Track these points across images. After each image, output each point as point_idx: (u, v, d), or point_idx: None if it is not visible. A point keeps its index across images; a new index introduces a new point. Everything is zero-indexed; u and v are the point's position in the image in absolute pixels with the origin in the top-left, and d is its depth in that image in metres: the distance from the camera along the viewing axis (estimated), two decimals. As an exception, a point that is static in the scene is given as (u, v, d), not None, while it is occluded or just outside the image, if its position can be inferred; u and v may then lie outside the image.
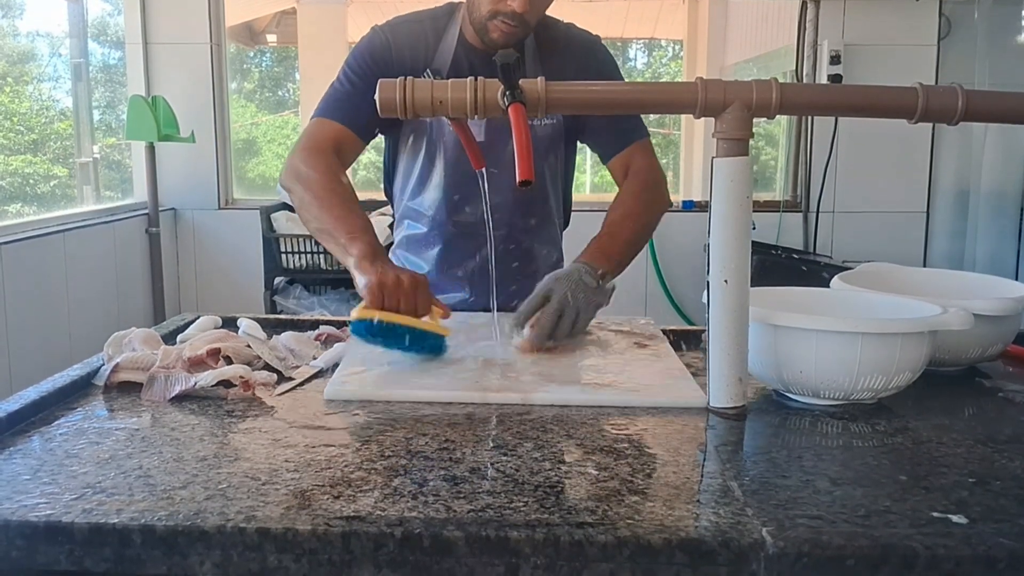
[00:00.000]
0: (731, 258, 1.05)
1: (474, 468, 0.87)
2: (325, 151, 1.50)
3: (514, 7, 1.41)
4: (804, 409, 1.10)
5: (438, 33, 1.55)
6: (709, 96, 1.05)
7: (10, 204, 3.38)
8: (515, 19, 1.43)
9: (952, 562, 0.71)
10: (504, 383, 1.15)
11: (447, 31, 1.55)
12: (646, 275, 3.93)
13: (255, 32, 6.64)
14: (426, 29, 1.55)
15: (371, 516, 0.75)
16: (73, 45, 3.71)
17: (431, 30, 1.55)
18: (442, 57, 1.54)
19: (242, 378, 1.12)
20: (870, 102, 1.10)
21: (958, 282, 1.39)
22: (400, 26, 1.56)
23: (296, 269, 3.67)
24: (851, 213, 3.93)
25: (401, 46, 1.53)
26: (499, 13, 1.43)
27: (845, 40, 3.75)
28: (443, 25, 1.56)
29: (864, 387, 1.06)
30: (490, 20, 1.45)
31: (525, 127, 1.06)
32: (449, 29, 1.55)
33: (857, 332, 1.04)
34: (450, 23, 1.56)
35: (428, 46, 1.55)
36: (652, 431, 1.00)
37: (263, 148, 7.11)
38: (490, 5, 1.43)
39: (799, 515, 0.77)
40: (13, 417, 0.99)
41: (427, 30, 1.55)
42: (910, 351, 1.05)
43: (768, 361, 1.10)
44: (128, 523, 0.74)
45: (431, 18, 1.57)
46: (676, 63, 6.96)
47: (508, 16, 1.43)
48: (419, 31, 1.55)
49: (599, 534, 0.73)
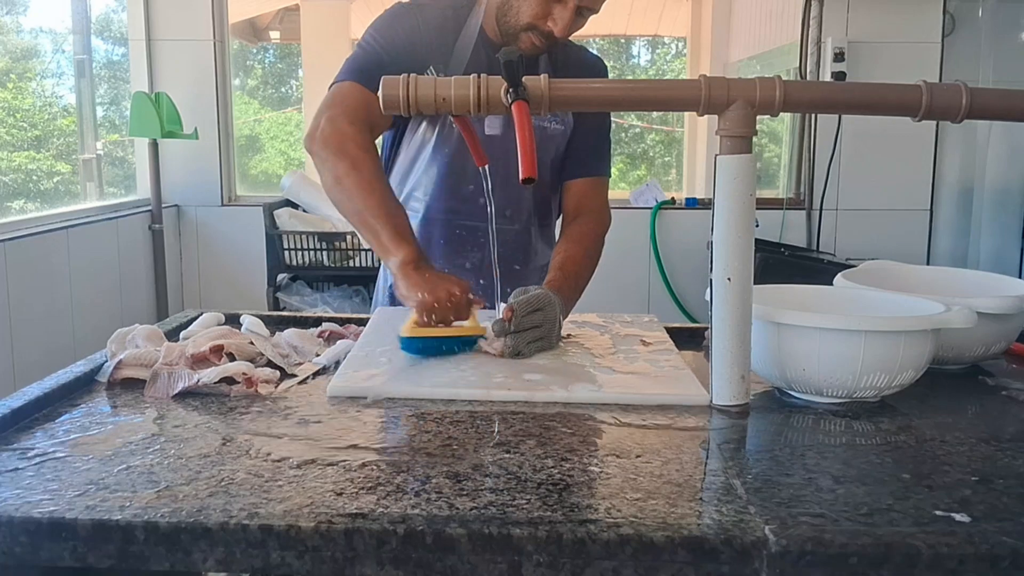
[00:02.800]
0: (734, 255, 1.05)
1: (477, 465, 0.87)
2: (361, 121, 1.45)
3: (554, 30, 1.43)
4: (807, 407, 1.10)
5: (459, 23, 1.55)
6: (713, 93, 1.04)
7: (13, 201, 3.38)
8: (548, 38, 1.45)
9: (955, 560, 0.71)
10: (507, 380, 1.15)
11: (468, 23, 1.55)
12: (649, 272, 3.92)
13: (258, 29, 6.64)
14: (448, 18, 1.55)
15: (374, 513, 0.75)
16: (77, 41, 3.71)
17: (452, 19, 1.55)
18: (462, 48, 1.53)
19: (245, 375, 1.13)
20: (874, 100, 1.10)
21: (961, 280, 1.39)
22: (428, 9, 1.54)
23: (299, 266, 3.67)
24: (854, 211, 3.92)
25: (429, 29, 1.52)
26: (536, 28, 1.45)
27: (849, 37, 3.74)
28: (464, 16, 1.55)
29: (867, 385, 1.06)
30: (524, 32, 1.46)
31: (528, 124, 1.06)
32: (470, 21, 1.55)
33: (860, 330, 1.04)
34: (471, 15, 1.56)
35: (450, 34, 1.54)
36: (655, 428, 1.00)
37: (266, 144, 7.11)
38: (530, 19, 1.44)
39: (802, 513, 0.77)
40: (17, 413, 0.99)
41: (449, 19, 1.55)
42: (913, 349, 1.05)
43: (771, 359, 1.10)
44: (131, 519, 0.74)
45: (453, 7, 1.56)
46: (680, 60, 6.96)
47: (543, 34, 1.45)
48: (442, 19, 1.54)
49: (602, 531, 0.73)
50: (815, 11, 3.79)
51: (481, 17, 1.54)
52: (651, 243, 3.90)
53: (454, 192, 1.58)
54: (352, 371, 1.18)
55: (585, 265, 1.54)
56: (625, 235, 3.73)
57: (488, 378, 1.16)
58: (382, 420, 1.02)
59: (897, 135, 3.83)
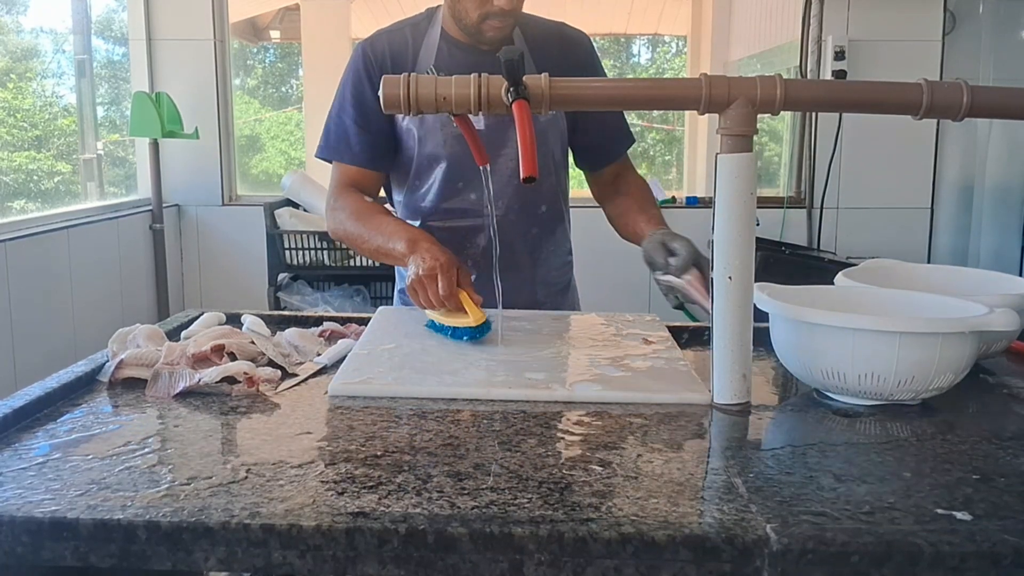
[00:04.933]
0: (735, 254, 1.05)
1: (478, 464, 0.87)
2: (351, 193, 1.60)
3: (501, 5, 1.45)
4: (809, 406, 1.10)
5: (419, 36, 1.59)
6: (713, 92, 1.04)
7: (14, 201, 3.38)
8: (503, 15, 1.47)
9: (956, 559, 0.71)
10: (508, 380, 1.15)
11: (428, 33, 1.59)
12: (650, 271, 3.92)
13: (259, 28, 6.64)
14: (407, 36, 1.60)
15: (375, 512, 0.75)
16: (77, 41, 3.71)
17: (411, 36, 1.60)
18: (426, 54, 1.57)
19: (246, 374, 1.13)
20: (874, 98, 1.10)
21: (962, 278, 1.39)
22: (379, 39, 1.60)
23: (300, 265, 3.67)
24: (855, 209, 3.92)
25: (383, 56, 1.58)
26: (488, 15, 1.48)
27: (849, 36, 3.74)
28: (423, 29, 1.60)
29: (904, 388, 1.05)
30: (481, 23, 1.49)
31: (529, 124, 1.06)
32: (430, 31, 1.59)
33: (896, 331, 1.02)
34: (430, 25, 1.60)
35: (410, 48, 1.58)
36: (656, 427, 1.00)
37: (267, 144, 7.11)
38: (477, 9, 1.47)
39: (803, 511, 0.77)
40: (18, 413, 0.99)
41: (407, 36, 1.60)
42: (952, 351, 1.03)
43: (805, 361, 1.09)
44: (133, 519, 0.74)
45: (411, 25, 1.61)
46: (680, 59, 6.95)
47: (496, 15, 1.47)
48: (400, 38, 1.59)
49: (603, 530, 0.73)
50: (815, 9, 3.78)
51: (440, 23, 1.58)
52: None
53: (453, 189, 1.58)
54: (353, 370, 1.18)
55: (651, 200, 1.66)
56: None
57: (490, 377, 1.16)
58: (383, 419, 1.02)
59: (898, 133, 3.83)
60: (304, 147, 6.18)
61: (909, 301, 1.20)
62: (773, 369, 1.27)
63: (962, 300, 1.14)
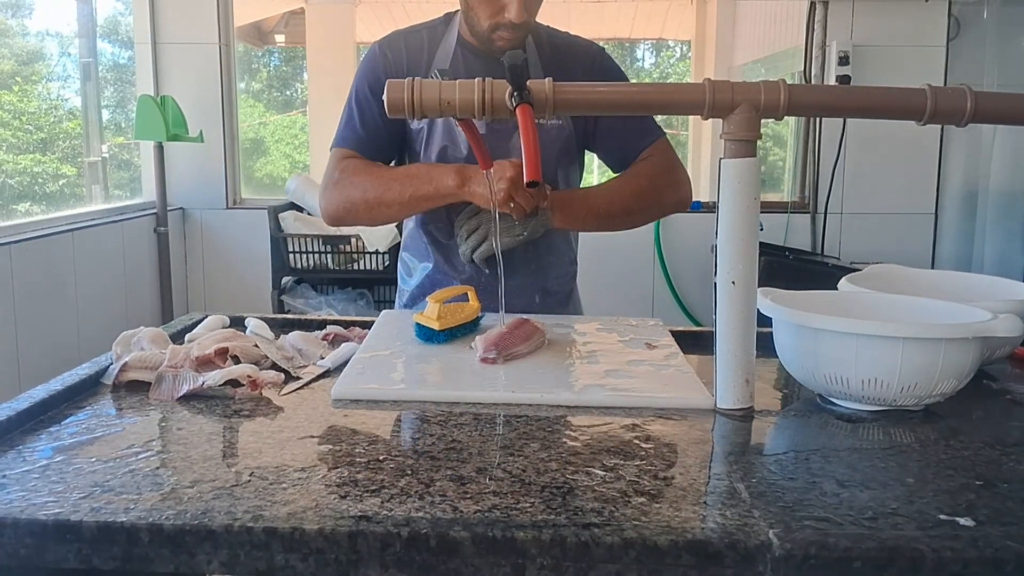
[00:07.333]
0: (738, 259, 1.05)
1: (481, 468, 0.87)
2: (354, 159, 1.58)
3: (511, 19, 1.45)
4: (812, 411, 1.10)
5: (435, 40, 1.60)
6: (717, 97, 1.05)
7: (19, 203, 3.40)
8: (514, 27, 1.47)
9: (959, 564, 0.71)
10: (511, 383, 1.15)
11: (445, 37, 1.60)
12: (653, 276, 3.92)
13: (263, 32, 6.66)
14: (423, 38, 1.60)
15: (378, 516, 0.76)
16: (82, 44, 3.72)
17: (428, 39, 1.60)
18: (442, 57, 1.58)
19: (250, 377, 1.13)
20: (878, 103, 1.10)
21: (966, 284, 1.39)
22: (396, 39, 1.61)
23: (304, 269, 3.67)
24: (859, 214, 3.92)
25: (399, 56, 1.58)
26: (499, 26, 1.48)
27: (854, 41, 3.75)
28: (440, 33, 1.61)
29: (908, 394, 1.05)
30: (492, 33, 1.49)
31: (533, 128, 1.06)
32: (447, 35, 1.60)
33: (900, 337, 1.02)
34: (447, 30, 1.61)
35: (426, 51, 1.59)
36: (659, 432, 1.00)
37: (271, 147, 7.13)
38: (488, 20, 1.48)
39: (806, 517, 0.77)
40: (22, 416, 1.00)
41: (424, 39, 1.60)
42: (955, 357, 1.03)
43: (809, 366, 1.09)
44: (136, 522, 0.74)
45: (428, 28, 1.62)
46: (684, 64, 6.95)
47: (507, 27, 1.47)
48: (416, 40, 1.60)
49: (606, 535, 0.73)
50: (820, 15, 3.79)
51: (457, 28, 1.59)
52: (655, 247, 3.90)
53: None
54: (356, 374, 1.18)
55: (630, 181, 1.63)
56: (629, 239, 3.71)
57: (492, 381, 1.16)
58: (386, 423, 1.02)
59: (902, 139, 3.83)
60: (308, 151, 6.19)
61: (913, 306, 1.20)
62: (776, 374, 1.27)
63: (966, 306, 1.13)
